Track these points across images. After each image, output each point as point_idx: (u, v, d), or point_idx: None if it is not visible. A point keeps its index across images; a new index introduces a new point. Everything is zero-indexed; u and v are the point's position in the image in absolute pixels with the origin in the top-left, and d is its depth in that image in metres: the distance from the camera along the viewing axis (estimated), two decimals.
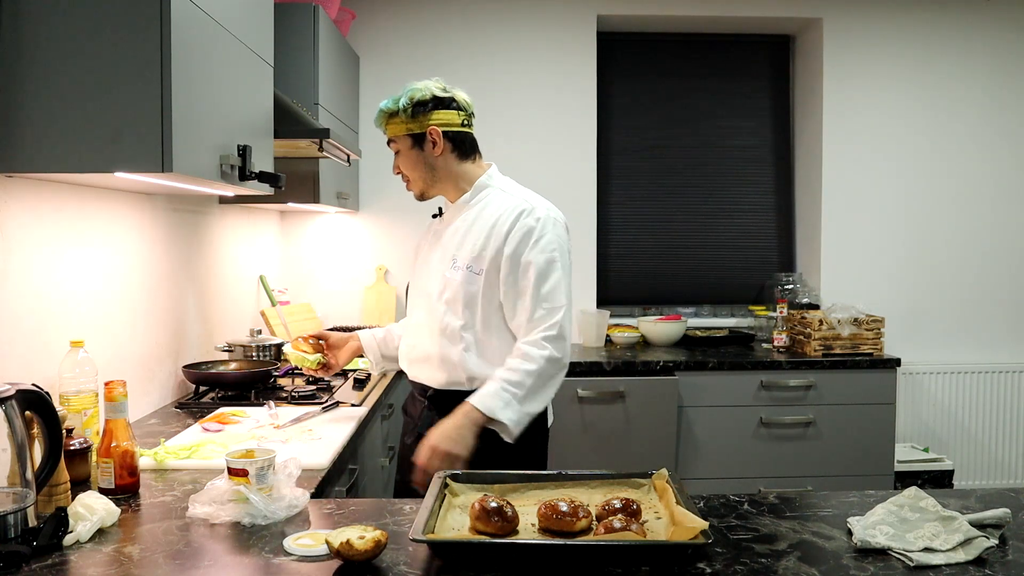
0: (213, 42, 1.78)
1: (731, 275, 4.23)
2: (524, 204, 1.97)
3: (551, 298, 1.90)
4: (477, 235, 1.96)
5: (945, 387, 4.02)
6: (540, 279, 1.90)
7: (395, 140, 2.01)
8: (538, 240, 1.92)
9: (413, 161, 2.00)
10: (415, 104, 1.96)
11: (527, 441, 1.94)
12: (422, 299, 2.04)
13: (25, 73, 1.51)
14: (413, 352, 2.05)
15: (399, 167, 2.04)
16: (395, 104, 1.97)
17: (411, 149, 1.99)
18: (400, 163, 2.03)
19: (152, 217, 2.38)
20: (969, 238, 4.07)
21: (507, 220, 1.95)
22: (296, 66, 2.93)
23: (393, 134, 2.00)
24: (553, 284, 1.91)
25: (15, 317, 1.74)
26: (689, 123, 4.22)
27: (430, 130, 1.96)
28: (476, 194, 2.02)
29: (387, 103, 1.99)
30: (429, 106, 1.96)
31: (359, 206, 3.91)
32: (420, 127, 1.97)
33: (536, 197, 2.03)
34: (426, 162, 1.99)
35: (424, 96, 1.96)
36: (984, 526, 1.32)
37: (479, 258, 1.94)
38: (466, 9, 3.92)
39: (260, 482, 1.44)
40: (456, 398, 1.95)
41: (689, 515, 1.29)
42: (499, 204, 1.99)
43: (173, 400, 2.50)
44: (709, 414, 3.45)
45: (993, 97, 4.06)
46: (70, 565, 1.24)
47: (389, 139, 2.02)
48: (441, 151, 1.98)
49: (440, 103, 1.97)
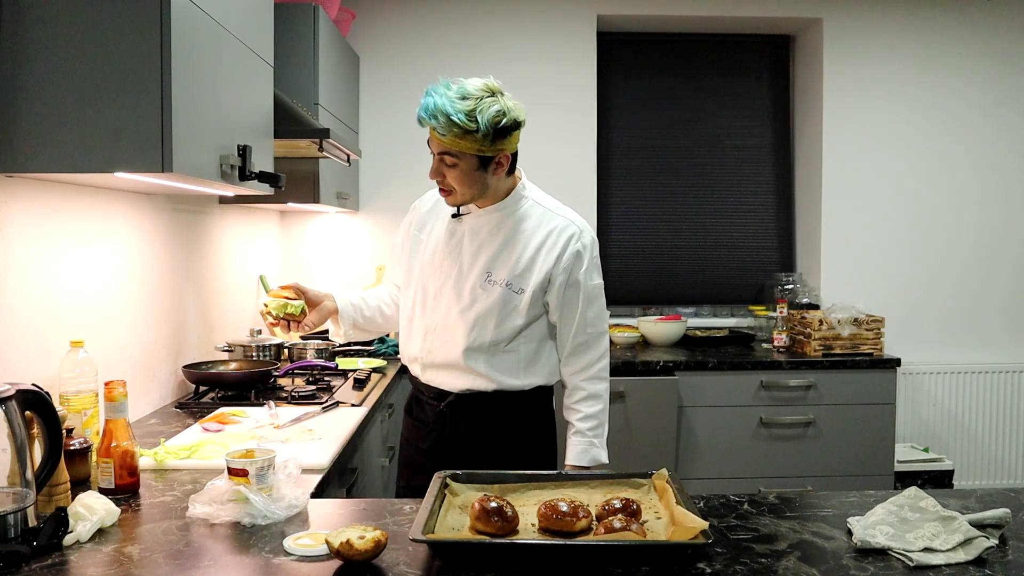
0: (213, 42, 1.78)
1: (731, 275, 4.23)
2: (572, 227, 1.96)
3: (596, 323, 1.99)
4: (517, 252, 1.91)
5: (945, 387, 4.02)
6: (589, 303, 1.97)
7: (456, 155, 1.80)
8: (588, 266, 1.97)
9: (471, 179, 1.84)
10: (497, 129, 1.77)
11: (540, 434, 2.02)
12: (439, 304, 1.96)
13: (25, 73, 1.51)
14: (430, 357, 1.97)
15: (446, 176, 1.84)
16: (471, 121, 1.75)
17: (475, 169, 1.82)
18: (453, 176, 1.83)
19: (152, 217, 2.38)
20: (969, 238, 4.07)
21: (557, 243, 1.93)
22: (296, 66, 2.92)
23: (460, 150, 1.79)
24: (599, 309, 2.00)
25: (15, 317, 1.74)
26: (689, 123, 4.22)
27: (502, 155, 1.84)
28: (512, 204, 1.94)
29: (461, 117, 1.75)
30: (508, 131, 1.80)
31: (359, 206, 3.91)
32: (494, 151, 1.81)
33: (575, 214, 2.02)
34: (483, 181, 1.86)
35: (507, 122, 1.78)
36: (984, 526, 1.32)
37: (522, 277, 1.90)
38: (466, 9, 3.92)
39: (260, 482, 1.44)
40: (476, 400, 1.95)
41: (689, 515, 1.29)
42: (540, 220, 1.95)
43: (173, 400, 2.50)
44: (709, 414, 3.44)
45: (993, 97, 4.05)
46: (70, 565, 1.24)
47: (446, 151, 1.81)
48: (502, 171, 1.88)
49: (516, 126, 1.82)
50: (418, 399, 2.06)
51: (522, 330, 1.94)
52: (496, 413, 1.96)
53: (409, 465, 2.07)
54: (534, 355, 1.96)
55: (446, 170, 1.84)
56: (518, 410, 1.98)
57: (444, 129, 1.77)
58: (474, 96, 1.77)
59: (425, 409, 2.02)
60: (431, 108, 1.77)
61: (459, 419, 1.96)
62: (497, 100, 1.79)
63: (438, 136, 1.80)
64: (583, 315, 1.96)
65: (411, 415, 2.09)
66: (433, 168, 1.86)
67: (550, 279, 1.92)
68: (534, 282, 1.90)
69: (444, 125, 1.76)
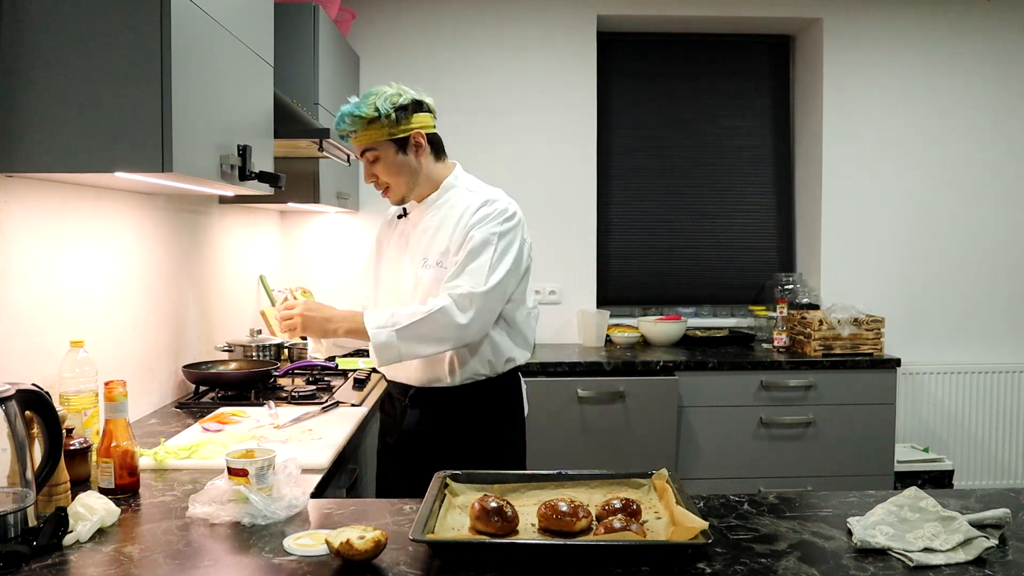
0: (213, 42, 1.78)
1: (731, 275, 4.23)
2: (486, 196, 2.01)
3: (475, 274, 1.90)
4: (446, 231, 1.98)
5: (945, 387, 4.02)
6: (471, 255, 1.92)
7: (374, 148, 1.95)
8: (483, 218, 1.95)
9: (397, 166, 1.97)
10: (397, 108, 1.93)
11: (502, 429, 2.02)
12: (392, 299, 2.05)
13: (25, 73, 1.51)
14: None
15: (377, 175, 1.99)
16: (372, 110, 1.91)
17: (395, 155, 1.96)
18: (380, 170, 1.98)
19: (152, 217, 2.38)
20: (969, 238, 4.07)
21: (471, 212, 1.97)
22: (296, 66, 2.92)
23: (373, 140, 1.94)
24: (481, 263, 1.91)
25: (15, 317, 1.74)
26: (689, 123, 4.22)
27: (414, 133, 1.96)
28: (444, 193, 2.04)
29: (361, 109, 1.91)
30: (410, 110, 1.95)
31: (359, 206, 3.91)
32: (404, 131, 1.95)
33: (500, 192, 2.05)
34: (410, 166, 1.98)
35: (405, 100, 1.94)
36: (984, 526, 1.32)
37: (447, 252, 1.96)
38: (466, 9, 3.92)
39: (260, 482, 1.44)
40: (438, 395, 1.99)
41: (689, 515, 1.29)
42: (465, 201, 2.01)
43: (173, 400, 2.50)
44: (709, 414, 3.44)
45: (993, 97, 4.05)
46: (70, 565, 1.24)
47: (365, 148, 1.95)
48: (424, 154, 2.00)
49: (417, 106, 1.97)
50: (389, 394, 2.15)
51: None
52: (457, 406, 2.00)
53: (382, 460, 2.16)
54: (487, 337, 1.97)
55: (373, 168, 1.98)
56: (479, 403, 2.01)
57: (352, 125, 1.93)
58: (373, 92, 1.95)
59: (394, 403, 2.11)
60: (338, 118, 1.95)
61: (420, 412, 2.01)
62: (394, 87, 1.96)
63: (353, 138, 1.96)
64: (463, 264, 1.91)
65: (383, 410, 2.18)
66: (365, 173, 2.01)
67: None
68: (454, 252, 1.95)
69: (351, 122, 1.93)
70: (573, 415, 3.35)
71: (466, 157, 2.26)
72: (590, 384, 3.35)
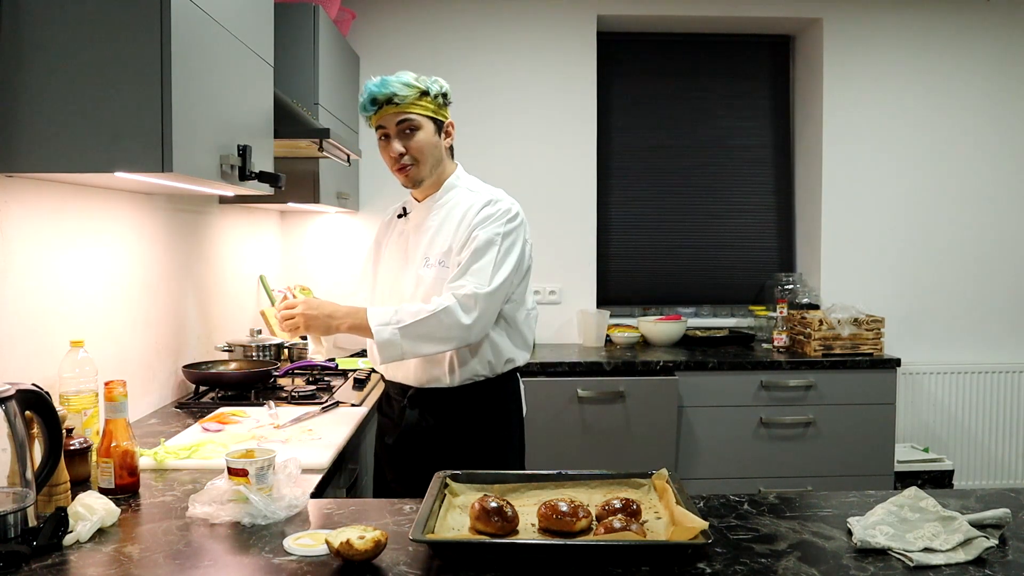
0: (213, 42, 1.78)
1: (731, 275, 4.23)
2: (489, 196, 2.01)
3: (479, 273, 1.89)
4: (448, 231, 1.99)
5: (945, 387, 4.02)
6: (475, 255, 1.91)
7: (416, 119, 1.95)
8: (486, 218, 1.95)
9: (431, 146, 1.98)
10: (443, 94, 2.00)
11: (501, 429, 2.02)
12: (392, 299, 2.04)
13: (25, 73, 1.51)
14: None
15: (408, 148, 1.95)
16: (424, 84, 1.95)
17: (434, 135, 1.99)
18: (414, 144, 1.95)
19: (152, 217, 2.38)
20: (969, 238, 4.07)
21: (474, 211, 1.97)
22: (296, 66, 2.92)
23: (420, 112, 1.95)
24: (485, 263, 1.90)
25: (15, 317, 1.74)
26: (689, 123, 4.22)
27: (449, 123, 2.03)
28: (445, 193, 2.04)
29: (414, 79, 1.94)
30: (448, 99, 2.02)
31: (359, 206, 3.91)
32: (444, 116, 2.01)
33: (502, 192, 2.06)
34: (439, 150, 2.02)
35: (447, 90, 2.01)
36: (984, 526, 1.32)
37: (449, 252, 1.97)
38: (466, 9, 3.92)
39: (260, 482, 1.44)
40: (437, 396, 1.98)
41: (689, 515, 1.29)
42: (467, 201, 2.01)
43: (173, 400, 2.50)
44: (709, 414, 3.44)
45: (993, 97, 4.05)
46: (70, 565, 1.24)
47: (406, 117, 1.93)
48: (448, 145, 2.04)
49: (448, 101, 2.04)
50: (387, 394, 2.14)
51: None
52: (456, 407, 2.00)
53: (380, 460, 2.15)
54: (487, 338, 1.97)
55: (406, 141, 1.96)
56: (479, 403, 2.01)
57: (404, 92, 1.92)
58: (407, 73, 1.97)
59: (392, 404, 2.10)
60: (382, 84, 1.92)
61: (419, 413, 2.01)
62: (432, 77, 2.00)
63: (394, 109, 1.93)
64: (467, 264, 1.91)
65: (381, 411, 2.17)
66: (392, 146, 1.96)
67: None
68: (456, 251, 1.95)
69: (403, 87, 1.92)
70: (573, 415, 3.35)
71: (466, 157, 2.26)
72: (590, 384, 3.35)
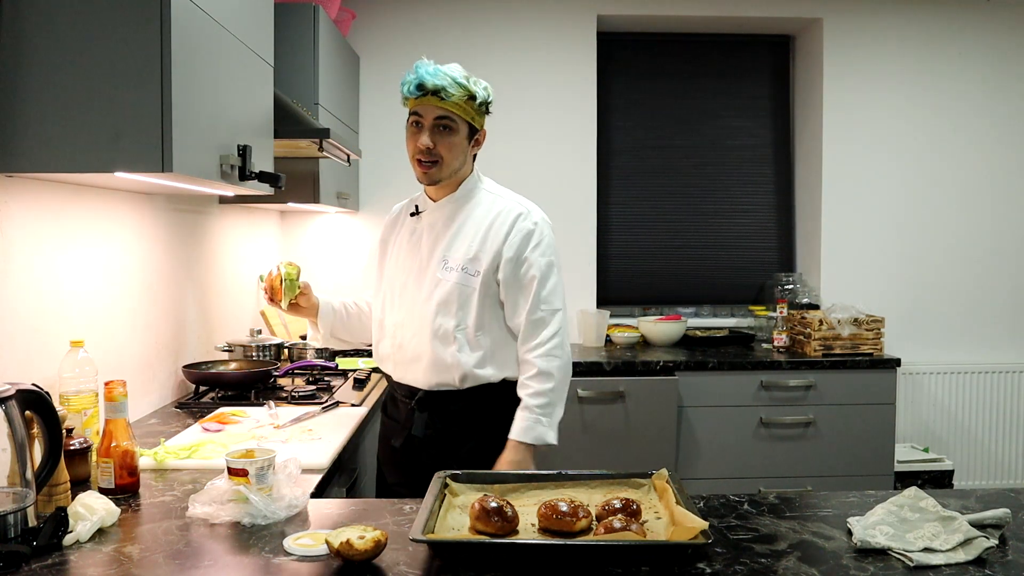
0: (213, 42, 1.78)
1: (731, 275, 4.23)
2: (519, 207, 2.00)
3: (550, 300, 1.95)
4: (470, 236, 1.96)
5: (945, 387, 4.02)
6: (542, 281, 1.95)
7: (455, 119, 1.91)
8: (538, 244, 1.97)
9: (460, 148, 1.95)
10: (488, 102, 1.96)
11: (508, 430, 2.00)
12: (404, 299, 2.01)
13: (25, 73, 1.51)
14: (400, 354, 2.02)
15: (438, 145, 1.91)
16: (474, 88, 1.92)
17: (465, 139, 1.95)
18: (447, 142, 1.91)
19: (152, 217, 2.38)
20: (969, 238, 4.08)
21: (505, 222, 1.96)
22: (296, 66, 2.92)
23: (461, 113, 1.91)
24: (552, 287, 1.96)
25: (15, 317, 1.74)
26: (689, 123, 4.22)
27: (483, 132, 2.00)
28: (466, 194, 2.02)
29: (466, 80, 1.91)
30: (489, 109, 1.99)
31: (359, 206, 3.91)
32: (479, 124, 1.97)
33: (525, 200, 2.05)
34: (465, 156, 1.98)
35: (492, 99, 1.98)
36: (984, 526, 1.32)
37: (475, 259, 1.95)
38: (466, 9, 3.92)
39: (260, 482, 1.44)
40: (445, 398, 1.97)
41: (689, 515, 1.29)
42: (490, 205, 2.00)
43: (173, 400, 2.50)
44: (709, 414, 3.44)
45: (993, 97, 4.05)
46: (70, 565, 1.24)
47: (446, 115, 1.90)
48: (475, 152, 2.02)
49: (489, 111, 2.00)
50: (392, 396, 2.11)
51: (485, 316, 1.95)
52: (465, 410, 1.99)
53: (384, 462, 2.13)
54: (501, 345, 1.98)
55: (439, 138, 1.92)
56: (487, 407, 2.00)
57: (453, 89, 1.88)
58: (467, 74, 1.94)
59: (398, 406, 2.07)
60: (433, 73, 1.88)
61: (428, 416, 1.99)
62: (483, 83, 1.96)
63: (437, 102, 1.89)
64: (537, 293, 1.95)
65: (386, 413, 2.14)
66: (425, 137, 1.91)
67: (500, 258, 1.95)
68: (485, 262, 1.94)
69: (452, 86, 1.88)
70: (573, 415, 3.35)
71: None
72: (590, 384, 3.35)
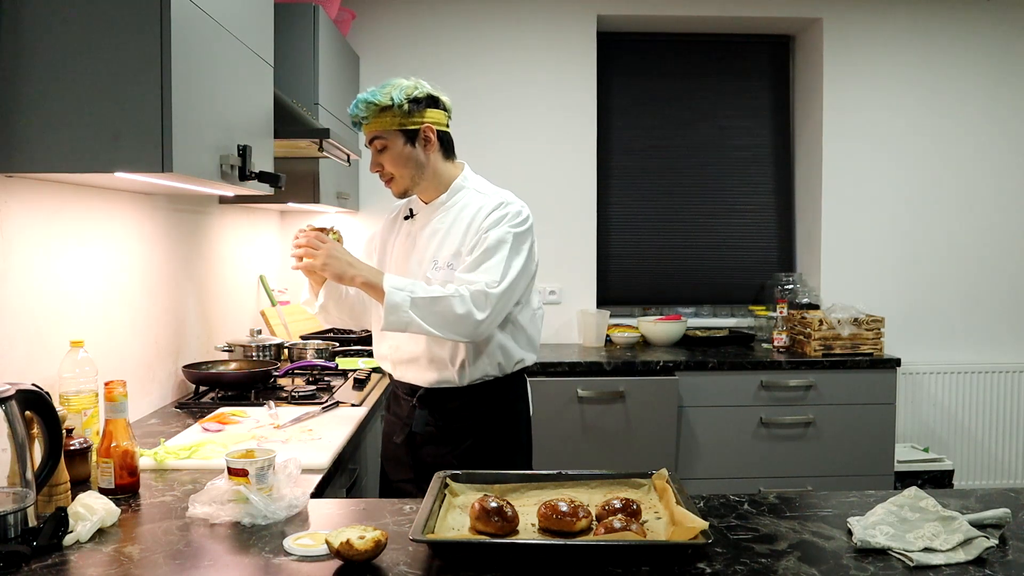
0: (213, 42, 1.77)
1: (731, 275, 4.23)
2: (499, 200, 2.00)
3: (490, 271, 1.89)
4: (457, 234, 1.98)
5: (945, 387, 4.02)
6: (486, 253, 1.91)
7: (383, 136, 1.95)
8: (497, 222, 1.94)
9: (404, 158, 1.96)
10: (411, 100, 1.94)
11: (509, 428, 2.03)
12: None
13: (25, 73, 1.51)
14: (397, 353, 2.04)
15: (383, 164, 1.98)
16: (387, 98, 1.92)
17: (404, 146, 1.95)
18: (387, 159, 1.97)
19: (152, 217, 2.38)
20: (969, 238, 4.07)
21: (484, 213, 1.97)
22: (296, 66, 2.92)
23: (383, 129, 1.94)
24: (496, 261, 1.90)
25: (15, 317, 1.74)
26: (689, 123, 4.22)
27: (425, 127, 1.96)
28: (453, 195, 2.03)
29: (375, 96, 1.93)
30: (423, 103, 1.96)
31: (359, 206, 3.91)
32: (415, 124, 1.95)
33: (511, 194, 2.05)
34: (416, 160, 1.97)
35: (420, 93, 1.96)
36: (984, 526, 1.32)
37: (458, 255, 1.96)
38: (466, 9, 3.92)
39: (260, 482, 1.44)
40: (447, 395, 1.99)
41: (689, 515, 1.29)
42: (476, 204, 2.00)
43: (173, 400, 2.50)
44: (709, 414, 3.44)
45: (993, 97, 4.05)
46: (70, 565, 1.24)
47: (374, 136, 1.96)
48: (433, 149, 1.99)
49: (432, 102, 1.98)
50: (394, 394, 2.13)
51: None
52: (465, 407, 2.00)
53: (387, 460, 2.15)
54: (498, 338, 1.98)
55: (380, 157, 1.98)
56: (487, 403, 2.01)
57: (365, 111, 1.94)
58: (391, 83, 1.96)
59: (400, 404, 2.09)
60: (353, 104, 1.95)
61: (429, 413, 2.01)
62: (413, 80, 1.97)
63: (365, 125, 1.96)
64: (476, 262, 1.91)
65: (388, 410, 2.17)
66: (371, 162, 2.01)
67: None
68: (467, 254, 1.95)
69: (364, 108, 1.93)
70: (573, 415, 3.35)
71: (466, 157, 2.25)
72: (590, 384, 3.35)
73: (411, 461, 2.06)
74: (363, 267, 1.90)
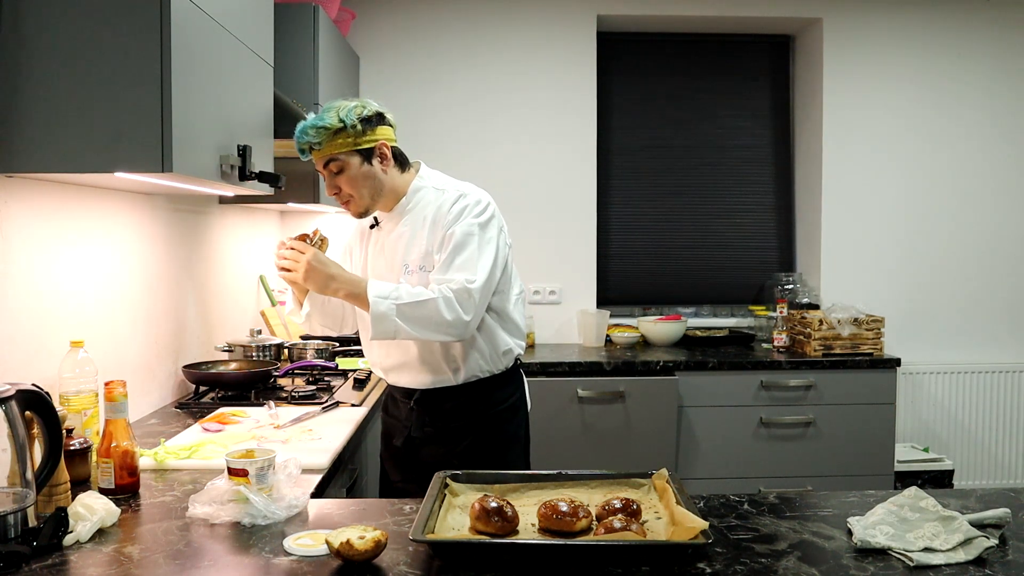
0: (213, 42, 1.78)
1: (731, 275, 4.23)
2: (458, 192, 1.98)
3: (465, 268, 1.89)
4: (423, 234, 1.97)
5: (945, 387, 4.02)
6: (456, 250, 1.90)
7: (338, 159, 1.90)
8: (459, 216, 1.93)
9: (362, 177, 1.93)
10: (362, 120, 1.90)
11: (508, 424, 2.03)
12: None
13: (26, 73, 1.51)
14: (389, 359, 2.04)
15: (339, 186, 1.93)
16: (337, 120, 1.88)
17: (360, 165, 1.92)
18: (344, 181, 1.92)
19: (152, 217, 2.38)
20: (969, 238, 4.07)
21: (444, 210, 1.96)
22: (296, 66, 2.92)
23: (337, 151, 1.89)
24: (468, 256, 1.90)
25: (15, 317, 1.74)
26: (689, 123, 4.22)
27: (380, 144, 1.94)
28: (412, 196, 2.01)
29: (323, 120, 1.88)
30: (374, 121, 1.93)
31: None
32: (369, 142, 1.92)
33: (470, 185, 2.04)
34: (375, 177, 1.94)
35: (369, 112, 1.92)
36: (984, 526, 1.32)
37: (428, 255, 1.96)
38: (466, 9, 3.92)
39: (260, 482, 1.44)
40: (443, 396, 2.00)
41: (689, 515, 1.29)
42: (436, 201, 1.99)
43: (173, 400, 2.50)
44: (709, 414, 3.44)
45: (993, 97, 4.05)
46: (70, 565, 1.24)
47: (329, 159, 1.91)
48: (388, 165, 1.97)
49: (381, 119, 1.96)
50: (392, 396, 2.14)
51: None
52: (461, 407, 2.01)
53: (387, 460, 2.15)
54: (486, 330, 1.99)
55: (337, 180, 1.93)
56: (483, 402, 2.02)
57: (316, 136, 1.88)
58: (333, 106, 1.91)
59: (399, 406, 2.10)
60: (299, 132, 1.89)
61: (427, 414, 2.02)
62: (355, 100, 1.93)
63: (316, 151, 1.90)
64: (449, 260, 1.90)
65: (387, 412, 2.17)
66: (327, 185, 1.95)
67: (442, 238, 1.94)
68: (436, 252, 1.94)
69: (315, 134, 1.88)
70: (573, 415, 3.35)
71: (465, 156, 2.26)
72: (590, 384, 3.35)
73: (411, 461, 2.06)
74: (345, 277, 1.88)
